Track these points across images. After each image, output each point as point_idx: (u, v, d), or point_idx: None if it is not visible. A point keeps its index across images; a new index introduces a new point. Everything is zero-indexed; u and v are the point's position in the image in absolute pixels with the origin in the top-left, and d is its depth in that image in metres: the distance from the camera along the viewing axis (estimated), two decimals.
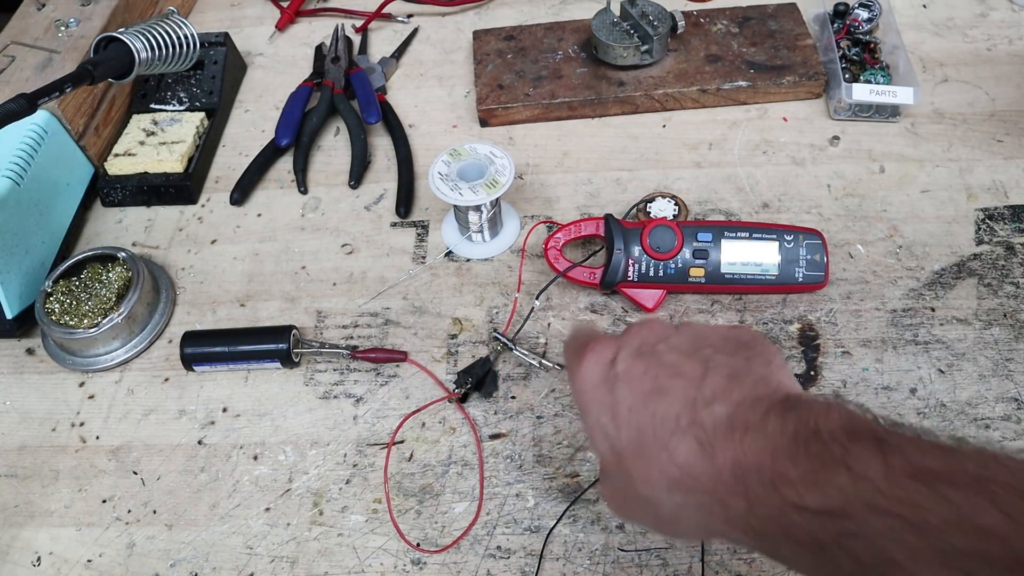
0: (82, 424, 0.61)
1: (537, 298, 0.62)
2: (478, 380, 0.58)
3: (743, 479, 0.33)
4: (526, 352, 0.59)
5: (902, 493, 0.29)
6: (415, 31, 0.89)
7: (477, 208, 0.64)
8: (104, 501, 0.56)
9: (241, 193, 0.73)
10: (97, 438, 0.60)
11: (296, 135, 0.77)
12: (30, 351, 0.65)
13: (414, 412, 0.58)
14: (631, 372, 0.39)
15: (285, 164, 0.77)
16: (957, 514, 0.28)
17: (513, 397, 0.58)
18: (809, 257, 0.60)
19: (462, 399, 0.58)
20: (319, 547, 0.53)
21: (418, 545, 0.52)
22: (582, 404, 0.41)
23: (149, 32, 0.71)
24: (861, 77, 0.73)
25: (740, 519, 0.34)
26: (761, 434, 0.34)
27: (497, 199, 0.64)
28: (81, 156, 0.74)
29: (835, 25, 0.77)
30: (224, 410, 0.60)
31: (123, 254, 0.65)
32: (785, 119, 0.74)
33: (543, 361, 0.59)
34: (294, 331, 0.61)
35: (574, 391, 0.42)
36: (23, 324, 0.64)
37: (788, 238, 0.60)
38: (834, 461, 0.31)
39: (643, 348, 0.40)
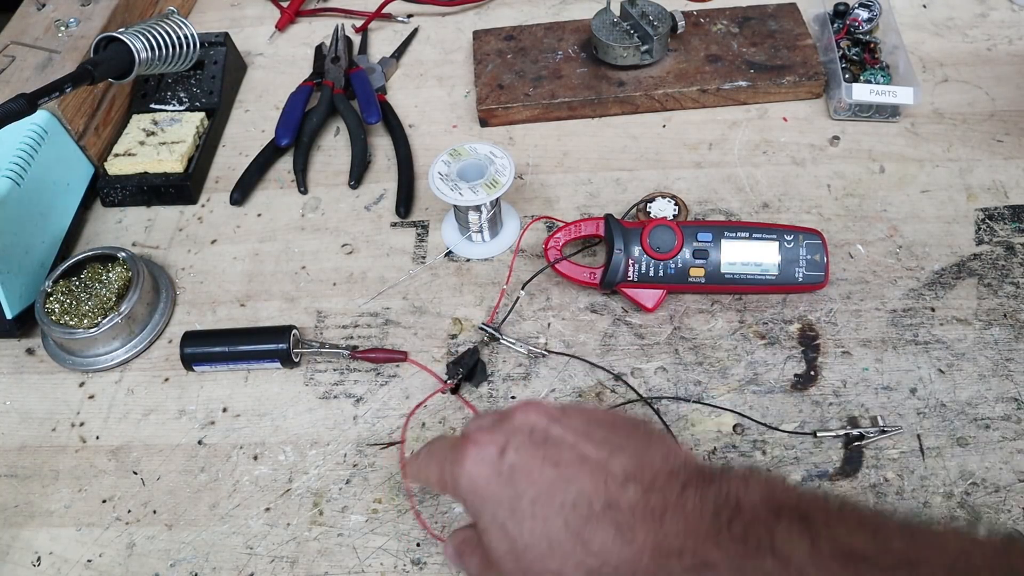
0: (82, 424, 0.61)
1: (523, 288, 0.63)
2: (468, 370, 0.58)
3: (665, 566, 0.32)
4: (513, 341, 0.60)
5: None
6: (415, 31, 0.89)
7: (477, 208, 0.64)
8: (104, 501, 0.56)
9: (241, 193, 0.73)
10: (97, 438, 0.60)
11: (296, 135, 0.77)
12: (30, 351, 0.66)
13: (414, 410, 0.58)
14: (529, 462, 0.36)
15: (285, 164, 0.77)
16: None
17: (513, 397, 0.58)
18: (809, 257, 0.60)
19: (454, 389, 0.58)
20: (319, 547, 0.53)
21: (418, 545, 0.52)
22: (472, 504, 0.37)
23: (149, 32, 0.71)
24: (861, 77, 0.73)
25: None
26: (681, 514, 0.32)
27: (497, 199, 0.64)
28: (81, 156, 0.74)
29: (835, 25, 0.77)
30: (224, 410, 0.60)
31: (123, 254, 0.65)
32: (785, 119, 0.74)
33: (530, 348, 0.60)
34: (294, 331, 0.61)
35: (459, 492, 0.38)
36: (23, 324, 0.64)
37: (788, 238, 0.60)
38: (759, 545, 0.30)
39: (535, 435, 0.37)
